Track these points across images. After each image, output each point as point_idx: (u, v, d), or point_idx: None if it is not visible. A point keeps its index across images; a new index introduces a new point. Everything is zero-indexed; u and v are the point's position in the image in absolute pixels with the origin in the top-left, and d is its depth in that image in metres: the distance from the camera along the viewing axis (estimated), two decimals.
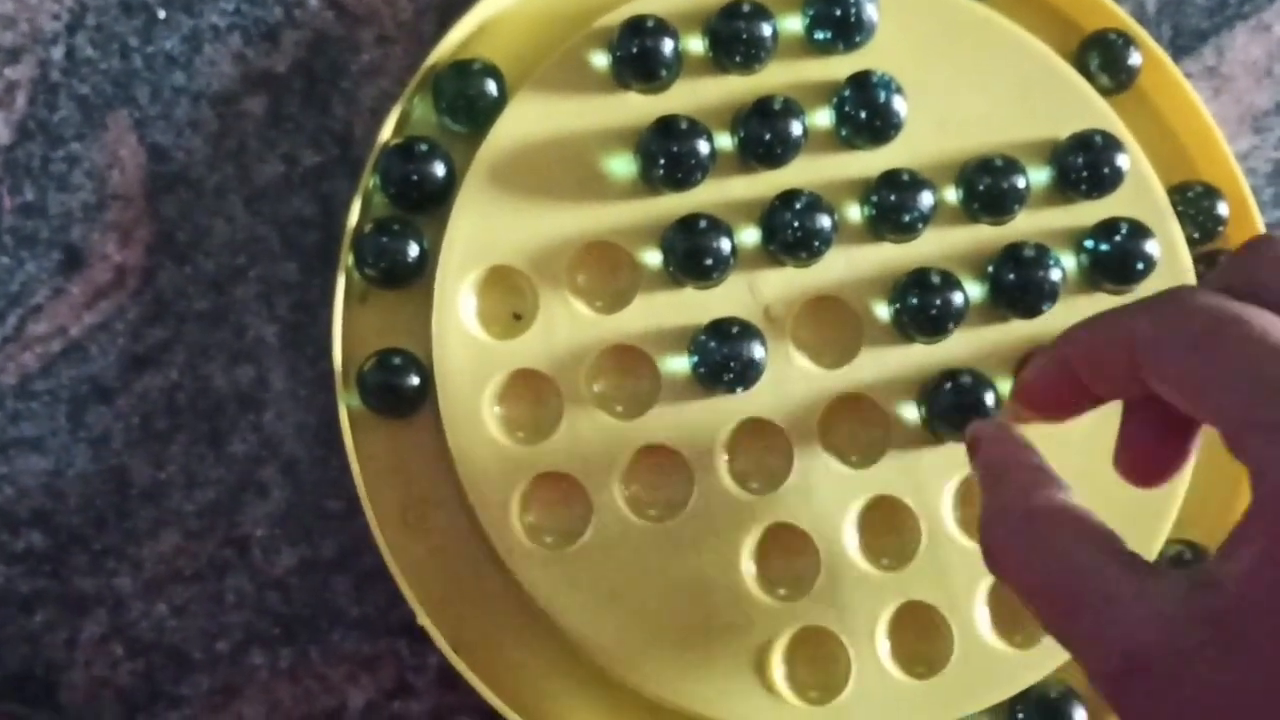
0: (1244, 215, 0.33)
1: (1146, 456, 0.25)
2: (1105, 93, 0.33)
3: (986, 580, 0.31)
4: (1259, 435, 0.20)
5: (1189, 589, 0.20)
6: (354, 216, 0.31)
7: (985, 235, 0.32)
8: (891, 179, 0.31)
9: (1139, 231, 0.31)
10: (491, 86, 0.32)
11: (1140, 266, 0.31)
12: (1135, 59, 0.33)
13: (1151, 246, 0.31)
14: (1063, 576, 0.22)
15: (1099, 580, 0.21)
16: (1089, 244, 0.32)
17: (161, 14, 0.33)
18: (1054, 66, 0.33)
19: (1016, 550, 0.23)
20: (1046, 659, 0.31)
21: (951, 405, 0.31)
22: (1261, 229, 0.33)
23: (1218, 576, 0.20)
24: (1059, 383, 0.25)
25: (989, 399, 0.31)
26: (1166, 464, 0.25)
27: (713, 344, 0.30)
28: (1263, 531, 0.19)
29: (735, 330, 0.30)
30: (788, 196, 0.31)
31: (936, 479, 0.31)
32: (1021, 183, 0.32)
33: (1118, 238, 0.31)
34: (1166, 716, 0.20)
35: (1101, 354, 0.24)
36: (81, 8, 0.33)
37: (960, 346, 0.31)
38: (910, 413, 0.31)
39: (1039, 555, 0.22)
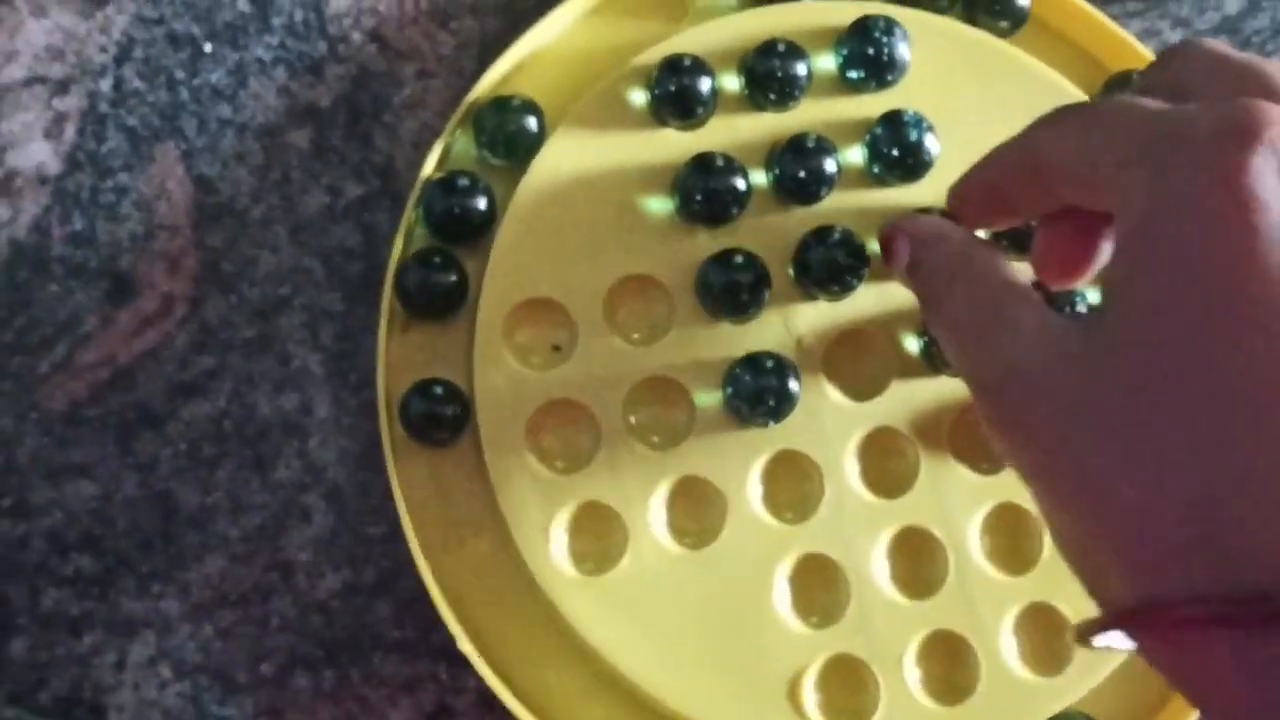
0: None
1: (1062, 256, 0.26)
2: None
3: (1013, 609, 0.31)
4: (1117, 173, 0.22)
5: (1074, 319, 0.23)
6: (397, 248, 0.32)
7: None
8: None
9: None
10: (531, 122, 0.33)
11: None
12: None
13: None
14: (975, 305, 0.24)
15: (1002, 306, 0.24)
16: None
17: (208, 47, 0.34)
18: (1077, 100, 0.34)
19: (945, 292, 0.25)
20: (1071, 688, 0.31)
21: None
22: None
23: (1093, 313, 0.22)
24: (979, 195, 0.27)
25: None
26: (1080, 261, 0.26)
27: (747, 377, 0.31)
28: (1129, 258, 0.21)
29: (769, 364, 0.31)
30: (821, 233, 0.32)
31: (964, 510, 0.32)
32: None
33: None
34: (1035, 422, 0.22)
35: (1014, 165, 0.26)
36: (129, 40, 0.34)
37: None
38: (939, 445, 0.32)
39: (961, 290, 0.25)
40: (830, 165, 0.32)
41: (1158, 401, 0.20)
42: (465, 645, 0.31)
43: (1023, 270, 0.26)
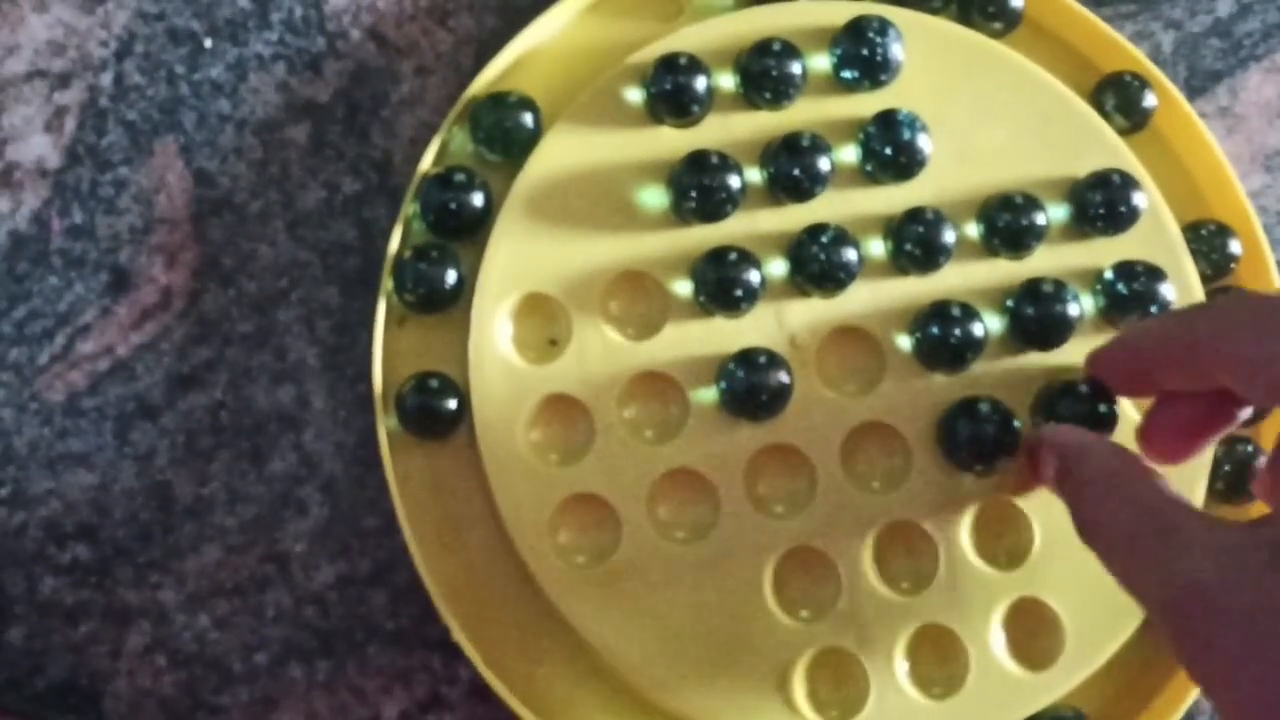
0: (1256, 252, 0.34)
1: (1177, 439, 0.27)
2: (1121, 132, 0.34)
3: (1002, 604, 0.32)
4: None
5: (1252, 526, 0.22)
6: (394, 243, 0.32)
7: (1005, 269, 0.33)
8: (915, 215, 0.32)
9: (1155, 274, 0.32)
10: (528, 118, 0.33)
11: (1155, 309, 0.32)
12: (1150, 101, 0.34)
13: (1167, 289, 0.32)
14: (1138, 520, 0.24)
15: (1169, 521, 0.23)
16: (1107, 283, 0.33)
17: (208, 43, 0.35)
18: (1071, 105, 0.34)
19: (1101, 506, 0.25)
20: (1059, 683, 0.32)
21: (969, 435, 0.32)
22: (1272, 267, 0.34)
23: (1266, 521, 0.21)
24: (1128, 365, 0.28)
25: (1006, 430, 0.32)
26: (1185, 451, 0.27)
27: (740, 372, 0.31)
28: None
29: (763, 360, 0.31)
30: (815, 230, 0.32)
31: (954, 505, 0.32)
32: (1040, 219, 0.33)
33: (1135, 283, 0.32)
34: (1225, 640, 0.21)
35: (1168, 344, 0.26)
36: (130, 35, 0.34)
37: (979, 377, 0.32)
38: (930, 441, 0.32)
39: (1120, 505, 0.24)
40: (824, 164, 0.32)
41: None
42: (459, 636, 0.31)
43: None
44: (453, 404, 0.32)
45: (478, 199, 0.32)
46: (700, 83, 0.32)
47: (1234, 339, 0.24)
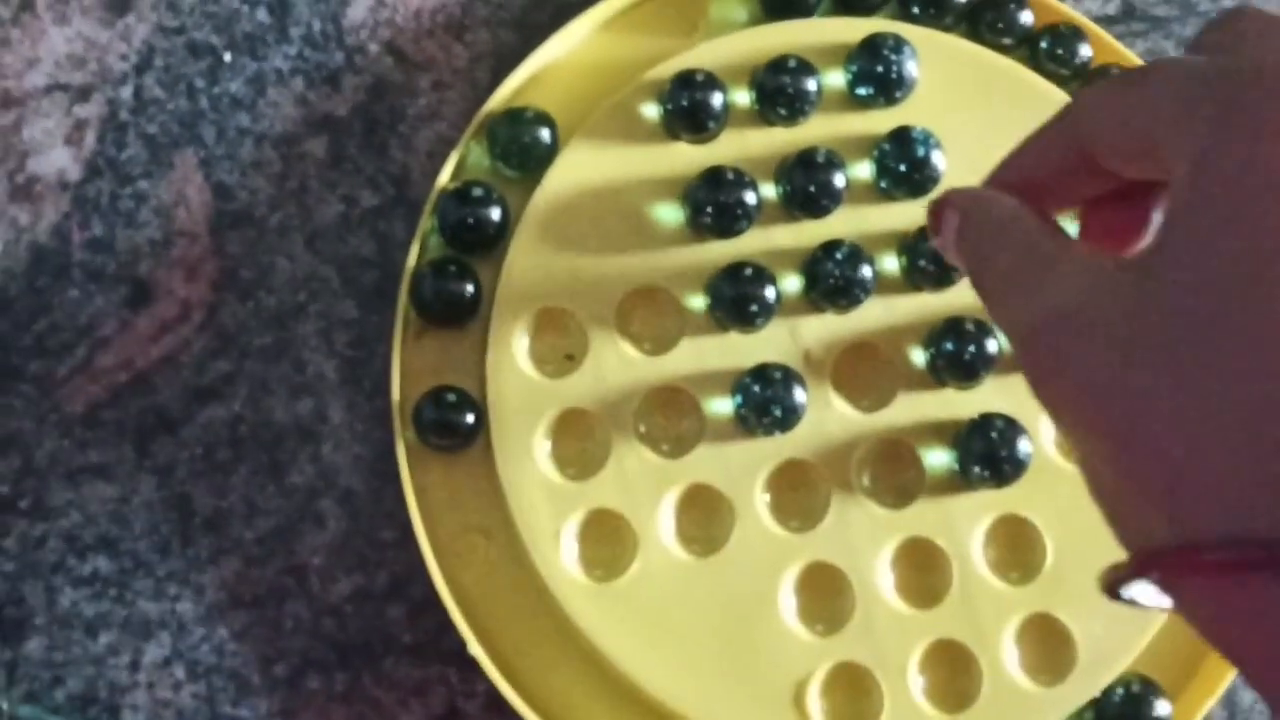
0: None
1: (1112, 230, 0.25)
2: None
3: (1015, 620, 0.32)
4: (1174, 126, 0.21)
5: (1118, 260, 0.21)
6: (412, 257, 0.32)
7: None
8: (928, 232, 0.32)
9: None
10: (544, 134, 0.33)
11: None
12: None
13: None
14: (1019, 256, 0.23)
15: (1048, 254, 0.22)
16: None
17: (227, 57, 0.35)
18: None
19: (989, 247, 0.24)
20: (1073, 697, 0.32)
21: (984, 450, 0.32)
22: None
23: (1139, 253, 0.21)
24: (1063, 159, 0.25)
25: (1020, 445, 0.32)
26: (1133, 232, 0.25)
27: (756, 387, 0.32)
28: (1184, 198, 0.20)
29: (778, 375, 0.32)
30: (829, 246, 0.32)
31: (968, 521, 0.32)
32: None
33: None
34: (1076, 362, 0.20)
35: (1055, 151, 0.24)
36: (150, 49, 0.35)
37: (993, 393, 0.33)
38: (944, 457, 0.32)
39: (1005, 244, 0.24)
40: (839, 180, 0.33)
41: (1209, 333, 0.19)
42: (475, 649, 0.31)
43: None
44: (470, 417, 0.32)
45: (495, 214, 0.33)
46: (716, 99, 0.33)
47: (1112, 117, 0.23)
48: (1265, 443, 0.18)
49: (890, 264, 0.33)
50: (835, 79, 0.34)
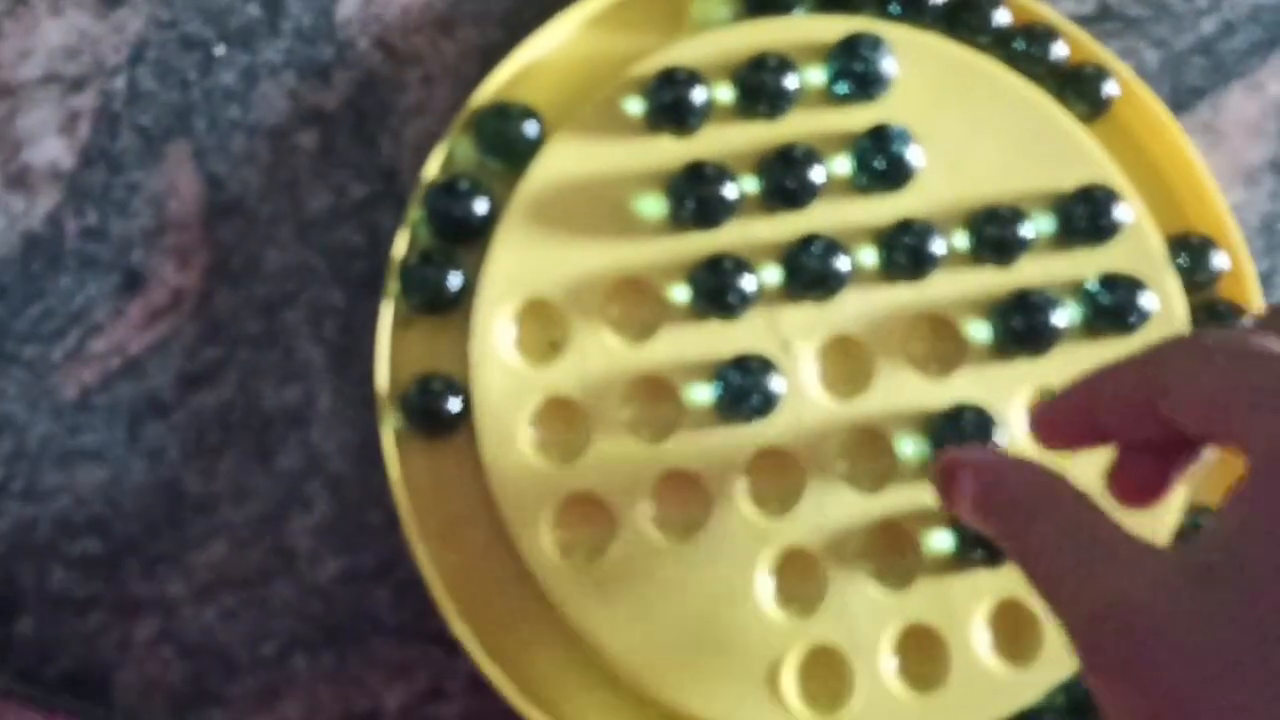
0: (1237, 265, 0.35)
1: (1143, 482, 0.26)
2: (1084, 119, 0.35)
3: (986, 604, 0.33)
4: (1254, 416, 0.21)
5: (1180, 548, 0.21)
6: (400, 248, 0.33)
7: (992, 278, 0.34)
8: (905, 225, 0.33)
9: (1137, 286, 0.33)
10: (530, 128, 0.34)
11: (1134, 320, 0.33)
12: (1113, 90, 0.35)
13: (1148, 300, 0.33)
14: (1068, 536, 0.23)
15: (1099, 537, 0.22)
16: (1092, 294, 0.34)
17: (219, 50, 0.35)
18: (1058, 120, 0.35)
19: (1030, 523, 0.24)
20: (1040, 680, 0.32)
21: (956, 439, 0.33)
22: (1254, 279, 0.35)
23: (1209, 535, 0.20)
24: (1074, 418, 0.26)
25: (993, 434, 0.33)
26: (1160, 489, 0.26)
27: (735, 376, 0.32)
28: (1256, 492, 0.20)
29: (756, 364, 0.32)
30: (808, 239, 0.33)
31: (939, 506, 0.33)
32: (1026, 231, 0.34)
33: (1118, 293, 0.33)
34: (1138, 659, 0.20)
35: (1124, 392, 0.25)
36: (143, 42, 0.35)
37: (966, 383, 0.33)
38: (918, 444, 0.33)
39: (1049, 521, 0.23)
40: (818, 174, 0.33)
41: (1276, 643, 0.19)
42: (459, 629, 0.32)
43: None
44: (455, 404, 0.33)
45: (481, 206, 0.33)
46: (699, 95, 0.33)
47: (1196, 384, 0.23)
48: None
49: (868, 257, 0.34)
50: (815, 76, 0.34)
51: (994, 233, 0.34)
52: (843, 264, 0.33)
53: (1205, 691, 0.19)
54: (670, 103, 0.33)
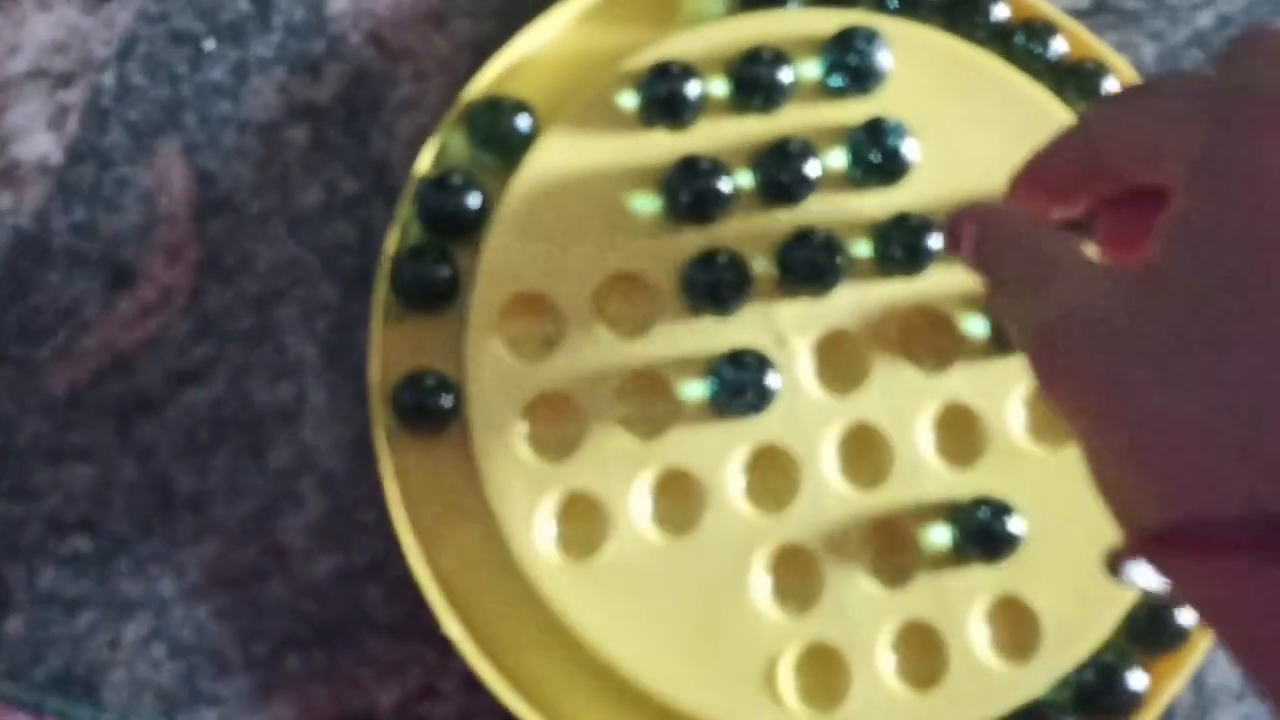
0: None
1: (1124, 234, 0.26)
2: None
3: (983, 600, 0.32)
4: (1178, 135, 0.22)
5: (1121, 266, 0.23)
6: (392, 243, 0.33)
7: None
8: (900, 220, 0.33)
9: None
10: (523, 122, 0.34)
11: None
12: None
13: None
14: (1027, 263, 0.24)
15: (1054, 260, 0.24)
16: None
17: (209, 45, 0.35)
18: (1054, 113, 0.35)
19: (1000, 256, 0.26)
20: (1039, 676, 0.32)
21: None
22: None
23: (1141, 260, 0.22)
24: (1075, 165, 0.26)
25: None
26: (1143, 236, 0.26)
27: (729, 372, 0.32)
28: (1184, 202, 0.21)
29: (751, 359, 0.32)
30: (803, 233, 0.33)
31: (938, 502, 0.33)
32: None
33: None
34: (1085, 361, 0.21)
35: (1070, 153, 0.26)
36: (132, 36, 0.35)
37: (962, 378, 0.33)
38: (914, 439, 0.33)
39: (1014, 252, 0.25)
40: (812, 169, 0.33)
41: (1211, 326, 0.20)
42: (451, 628, 0.32)
43: None
44: (447, 401, 0.32)
45: (474, 200, 0.33)
46: (693, 89, 0.33)
47: (1124, 125, 0.24)
48: (1270, 431, 0.19)
49: (863, 250, 0.34)
50: (810, 69, 0.34)
51: None
52: (838, 258, 0.33)
53: (1132, 371, 0.21)
54: (664, 97, 0.33)
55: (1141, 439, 0.21)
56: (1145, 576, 0.21)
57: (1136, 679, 0.32)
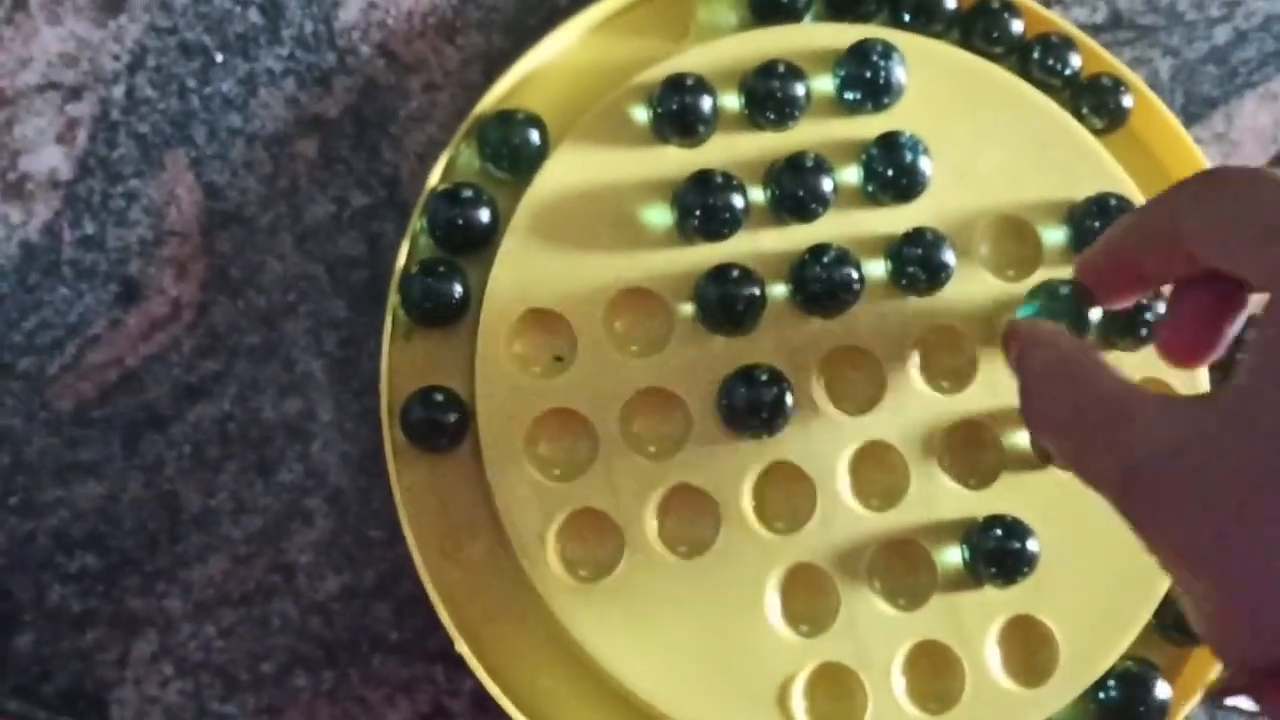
0: None
1: (1186, 337, 0.26)
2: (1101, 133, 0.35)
3: (998, 621, 0.32)
4: (1265, 242, 0.22)
5: (1201, 397, 0.22)
6: (401, 258, 0.33)
7: (1004, 289, 0.33)
8: (915, 236, 0.33)
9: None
10: (534, 136, 0.33)
11: (1146, 327, 0.33)
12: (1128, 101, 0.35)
13: (1160, 309, 0.33)
14: (1087, 404, 0.24)
15: (1119, 401, 0.23)
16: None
17: (219, 57, 0.35)
18: (1070, 129, 0.35)
19: (1048, 390, 0.25)
20: (1053, 698, 0.32)
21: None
22: None
23: (1224, 387, 0.21)
24: (1113, 264, 0.27)
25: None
26: (1205, 346, 0.26)
27: (742, 390, 0.32)
28: (1266, 340, 0.21)
29: (764, 377, 0.32)
30: (817, 250, 0.32)
31: (951, 523, 0.32)
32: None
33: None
34: (1169, 506, 0.21)
35: (1149, 231, 0.26)
36: (141, 49, 0.35)
37: (978, 396, 0.33)
38: (929, 460, 0.33)
39: (1067, 391, 0.25)
40: (827, 184, 0.33)
41: None
42: (462, 648, 0.31)
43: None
44: (457, 417, 0.32)
45: (484, 215, 0.33)
46: (706, 103, 0.33)
47: (1210, 215, 0.23)
48: None
49: (877, 268, 0.33)
50: (824, 84, 0.34)
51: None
52: (852, 276, 0.32)
53: (1218, 516, 0.20)
54: (677, 111, 0.33)
55: (1234, 583, 0.21)
56: (1244, 701, 0.22)
57: (1161, 689, 0.32)
